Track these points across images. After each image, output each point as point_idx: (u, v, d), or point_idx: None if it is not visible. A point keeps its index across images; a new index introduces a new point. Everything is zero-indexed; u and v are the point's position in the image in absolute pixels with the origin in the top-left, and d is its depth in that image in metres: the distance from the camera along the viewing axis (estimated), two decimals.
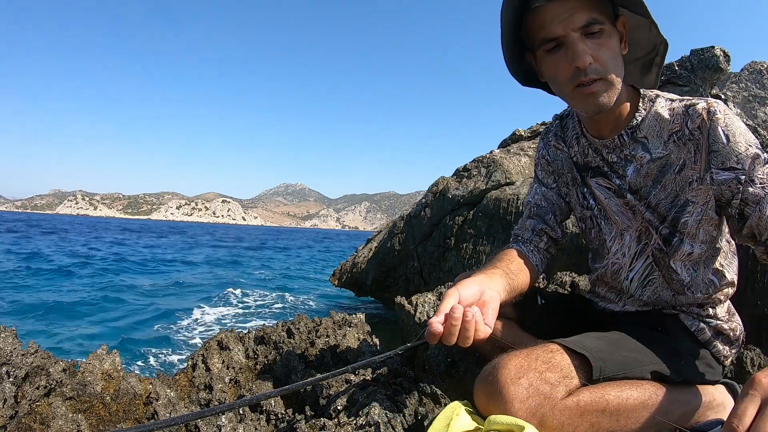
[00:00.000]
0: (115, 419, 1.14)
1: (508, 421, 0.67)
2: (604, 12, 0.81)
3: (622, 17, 0.87)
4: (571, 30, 0.79)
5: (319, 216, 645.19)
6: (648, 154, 0.91)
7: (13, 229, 34.90)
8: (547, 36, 0.82)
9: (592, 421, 0.72)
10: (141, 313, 7.08)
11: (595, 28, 0.79)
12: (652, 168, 0.92)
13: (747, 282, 1.64)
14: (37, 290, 8.70)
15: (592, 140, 0.99)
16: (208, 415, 0.98)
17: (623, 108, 0.92)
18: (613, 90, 0.84)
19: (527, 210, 1.14)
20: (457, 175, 5.86)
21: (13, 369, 1.14)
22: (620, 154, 0.95)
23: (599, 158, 0.99)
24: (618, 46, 0.84)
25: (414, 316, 1.72)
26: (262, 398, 0.97)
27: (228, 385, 1.43)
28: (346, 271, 7.89)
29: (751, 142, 0.83)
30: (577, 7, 0.79)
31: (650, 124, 0.91)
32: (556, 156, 1.10)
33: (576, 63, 0.80)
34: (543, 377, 0.71)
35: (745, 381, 1.34)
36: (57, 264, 12.96)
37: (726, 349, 0.98)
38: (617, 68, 0.83)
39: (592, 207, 1.04)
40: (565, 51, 0.81)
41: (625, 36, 0.88)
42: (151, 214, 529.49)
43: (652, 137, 0.91)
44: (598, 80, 0.82)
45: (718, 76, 2.43)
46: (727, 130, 0.83)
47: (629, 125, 0.92)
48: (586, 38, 0.80)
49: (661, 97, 0.93)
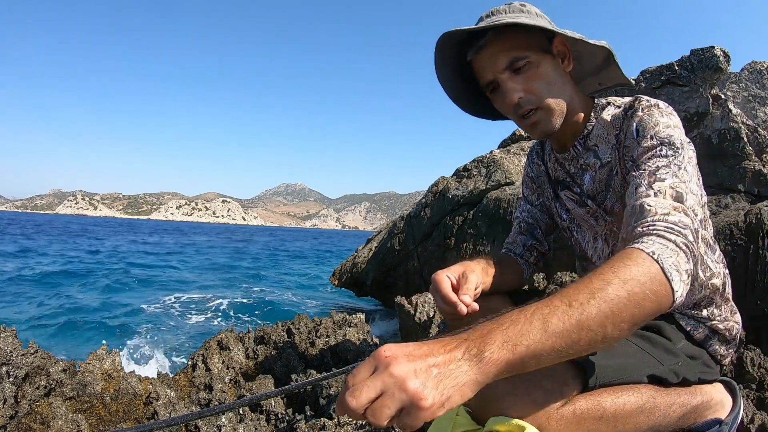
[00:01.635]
0: (115, 419, 1.14)
1: (508, 421, 0.67)
2: (528, 46, 0.87)
3: (557, 38, 0.90)
4: (497, 73, 0.87)
5: (319, 216, 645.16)
6: (599, 161, 0.95)
7: (45, 231, 34.84)
8: (484, 81, 0.91)
9: (590, 429, 0.71)
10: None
11: (520, 64, 0.86)
12: (603, 173, 0.95)
13: (747, 282, 1.64)
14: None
15: (557, 155, 1.05)
16: (208, 415, 0.98)
17: (578, 121, 0.96)
18: (553, 114, 0.89)
19: (517, 225, 1.20)
20: (457, 175, 5.87)
21: (13, 369, 1.14)
22: (577, 164, 1.00)
23: (563, 171, 1.05)
24: (552, 71, 0.89)
25: (414, 315, 1.72)
26: (262, 398, 0.97)
27: (228, 385, 1.43)
28: (346, 271, 7.89)
29: (661, 135, 0.80)
30: (499, 50, 0.86)
31: (598, 132, 0.95)
32: (538, 173, 1.16)
33: (506, 101, 0.89)
34: (538, 385, 0.70)
35: (745, 381, 1.33)
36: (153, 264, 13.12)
37: (723, 348, 0.97)
38: (554, 92, 0.88)
39: (565, 219, 1.10)
40: (501, 90, 0.89)
41: (568, 53, 0.92)
42: (151, 214, 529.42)
43: (601, 143, 0.94)
44: (535, 110, 0.88)
45: (718, 76, 2.43)
46: (640, 124, 0.85)
47: (581, 135, 0.97)
48: (515, 75, 0.87)
49: (611, 104, 0.95)
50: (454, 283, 0.87)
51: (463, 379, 0.50)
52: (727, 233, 1.78)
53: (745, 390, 1.32)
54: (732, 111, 2.42)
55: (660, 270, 0.61)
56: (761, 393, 1.31)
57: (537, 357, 0.54)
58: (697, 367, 0.91)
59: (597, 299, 0.57)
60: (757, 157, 2.37)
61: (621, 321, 0.57)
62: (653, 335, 0.89)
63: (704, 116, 2.47)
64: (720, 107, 2.45)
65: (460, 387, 0.50)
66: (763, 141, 2.40)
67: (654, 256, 0.62)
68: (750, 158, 2.34)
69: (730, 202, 2.30)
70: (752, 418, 1.06)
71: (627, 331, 0.59)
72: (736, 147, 2.37)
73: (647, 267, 0.61)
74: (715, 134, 2.43)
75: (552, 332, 0.54)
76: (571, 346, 0.55)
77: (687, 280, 0.64)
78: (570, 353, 0.56)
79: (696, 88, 2.49)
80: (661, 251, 0.63)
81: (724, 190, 2.39)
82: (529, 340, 0.53)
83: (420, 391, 0.47)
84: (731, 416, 0.89)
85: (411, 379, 0.47)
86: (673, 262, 0.63)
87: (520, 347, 0.53)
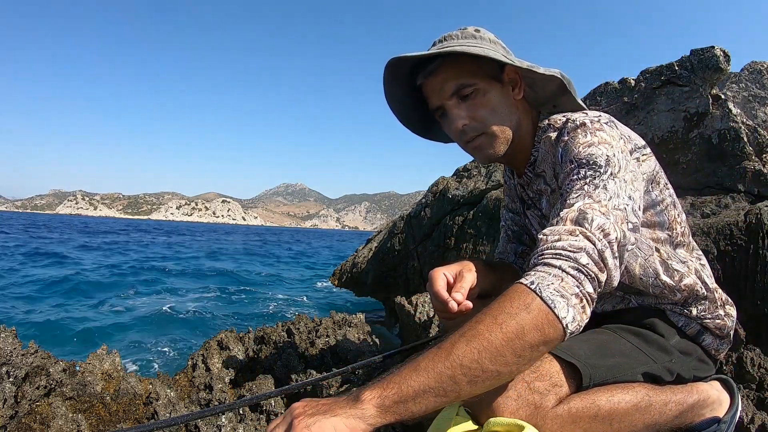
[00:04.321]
0: (115, 419, 1.14)
1: (507, 421, 0.67)
2: (476, 73, 0.88)
3: (509, 66, 0.90)
4: (444, 99, 0.89)
5: (319, 216, 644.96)
6: (549, 187, 0.96)
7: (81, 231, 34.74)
8: (432, 106, 0.93)
9: (585, 428, 0.72)
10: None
11: (467, 91, 0.87)
12: (555, 197, 0.95)
13: (747, 282, 1.64)
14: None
15: (516, 178, 1.07)
16: (208, 415, 0.98)
17: (526, 146, 0.97)
18: (497, 140, 0.91)
19: (504, 234, 1.21)
20: (457, 175, 5.87)
21: (13, 369, 1.14)
22: (532, 189, 1.02)
23: (525, 193, 1.06)
24: (499, 98, 0.90)
25: (414, 315, 1.72)
26: (262, 398, 0.97)
27: (228, 385, 1.43)
28: (346, 271, 7.89)
29: (579, 157, 0.78)
30: (448, 77, 0.87)
31: (543, 157, 0.95)
32: (511, 187, 1.17)
33: (452, 127, 0.91)
34: (531, 387, 0.70)
35: (745, 381, 1.34)
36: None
37: (716, 342, 0.96)
38: (499, 120, 0.90)
39: (534, 235, 1.11)
40: (447, 117, 0.91)
41: (519, 81, 0.92)
42: (151, 214, 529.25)
43: (547, 169, 0.95)
44: (480, 135, 0.90)
45: (718, 76, 2.43)
46: (564, 150, 0.84)
47: (530, 162, 0.98)
48: (462, 101, 0.88)
49: (550, 126, 0.94)
50: (450, 281, 0.87)
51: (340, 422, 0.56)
52: (727, 233, 1.78)
53: (745, 390, 1.32)
54: (732, 111, 2.42)
55: (538, 299, 0.61)
56: (761, 393, 1.31)
57: (412, 398, 0.57)
58: (691, 364, 0.90)
59: (466, 337, 0.59)
60: (757, 157, 2.37)
61: (499, 355, 0.58)
62: (647, 332, 0.89)
63: (704, 116, 2.47)
64: (720, 107, 2.45)
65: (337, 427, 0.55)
66: (763, 141, 2.41)
67: (532, 287, 0.62)
68: (750, 158, 2.34)
69: (730, 202, 2.30)
70: (752, 418, 1.06)
71: (518, 364, 0.61)
72: (736, 147, 2.37)
73: (522, 299, 0.61)
74: (715, 134, 2.43)
75: (423, 370, 0.58)
76: (449, 384, 0.58)
77: (579, 303, 0.63)
78: (454, 392, 0.58)
79: (696, 88, 2.49)
80: (541, 280, 0.63)
81: (724, 190, 2.39)
82: (402, 382, 0.58)
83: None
84: (729, 415, 0.89)
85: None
86: (555, 288, 0.62)
87: (391, 389, 0.58)
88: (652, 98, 2.64)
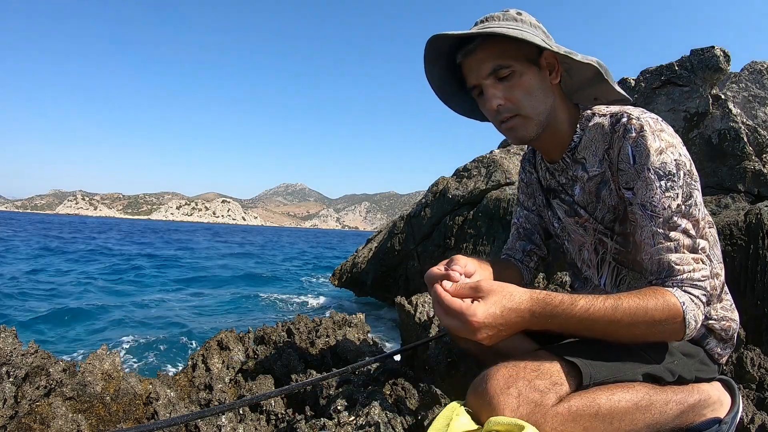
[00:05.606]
0: (115, 419, 1.14)
1: (507, 421, 0.67)
2: (514, 55, 0.89)
3: (548, 51, 0.90)
4: (482, 79, 0.91)
5: (319, 216, 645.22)
6: (586, 174, 0.97)
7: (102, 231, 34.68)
8: (470, 85, 0.95)
9: (586, 426, 0.72)
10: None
11: (504, 72, 0.89)
12: (592, 186, 0.96)
13: (747, 282, 1.64)
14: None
15: (547, 164, 1.06)
16: (208, 415, 0.98)
17: (563, 131, 0.98)
18: (530, 123, 0.92)
19: (515, 231, 1.22)
20: (457, 175, 5.88)
21: (13, 369, 1.14)
22: (567, 175, 1.02)
23: (554, 181, 1.06)
24: (535, 81, 0.90)
25: (414, 316, 1.72)
26: (262, 398, 0.97)
27: (228, 385, 1.43)
28: (346, 271, 7.90)
29: (656, 166, 0.82)
30: (485, 57, 0.89)
31: (586, 144, 0.96)
32: (530, 180, 1.18)
33: (487, 106, 0.93)
34: (532, 385, 0.71)
35: (745, 381, 1.33)
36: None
37: (720, 347, 0.97)
38: (533, 102, 0.91)
39: (557, 227, 1.11)
40: (484, 96, 0.93)
41: (557, 66, 0.93)
42: (151, 214, 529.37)
43: (589, 156, 0.96)
44: (514, 116, 0.91)
45: (718, 76, 2.43)
46: (635, 150, 0.85)
47: (569, 147, 0.98)
48: (498, 82, 0.90)
49: (596, 114, 0.96)
50: (443, 272, 0.88)
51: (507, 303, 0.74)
52: (727, 233, 1.78)
53: (745, 390, 1.32)
54: (732, 111, 2.42)
55: (682, 315, 0.77)
56: (761, 393, 1.31)
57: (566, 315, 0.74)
58: (694, 365, 0.90)
59: (628, 301, 0.76)
60: (757, 157, 2.36)
61: (635, 326, 0.76)
62: None
63: (704, 116, 2.47)
64: (720, 107, 2.45)
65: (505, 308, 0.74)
66: (763, 141, 2.40)
67: (683, 307, 0.78)
68: (750, 158, 2.34)
69: (730, 202, 2.30)
70: (752, 418, 1.06)
71: (631, 340, 0.79)
72: (736, 147, 2.37)
73: (674, 310, 0.77)
74: (715, 134, 2.43)
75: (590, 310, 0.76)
76: (606, 323, 0.76)
77: (695, 328, 0.79)
78: (594, 328, 0.76)
79: (696, 88, 2.49)
80: (688, 303, 0.78)
81: (724, 190, 2.39)
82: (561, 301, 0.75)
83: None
84: (730, 415, 0.89)
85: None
86: (694, 314, 0.78)
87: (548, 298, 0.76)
88: (652, 98, 2.64)
